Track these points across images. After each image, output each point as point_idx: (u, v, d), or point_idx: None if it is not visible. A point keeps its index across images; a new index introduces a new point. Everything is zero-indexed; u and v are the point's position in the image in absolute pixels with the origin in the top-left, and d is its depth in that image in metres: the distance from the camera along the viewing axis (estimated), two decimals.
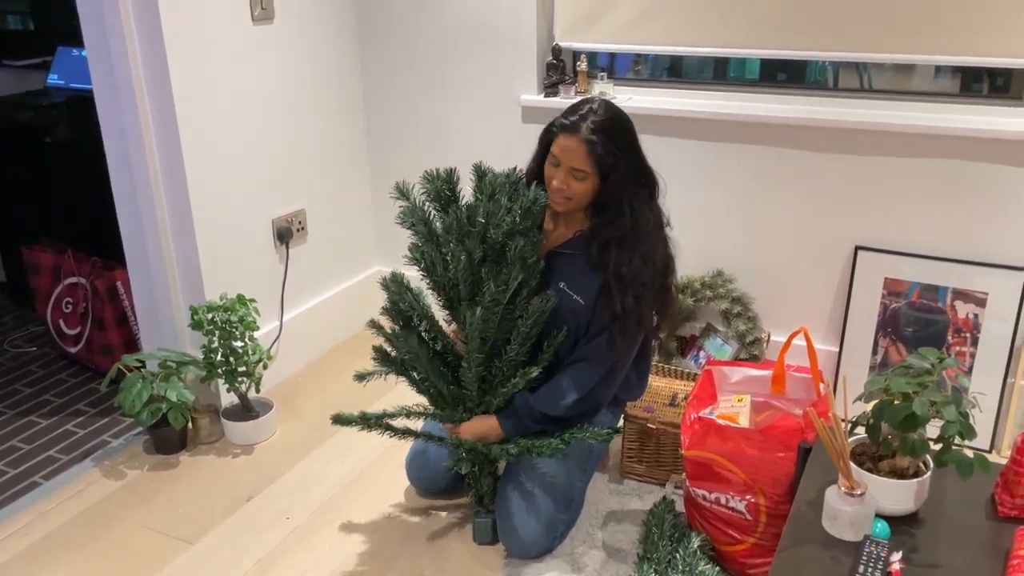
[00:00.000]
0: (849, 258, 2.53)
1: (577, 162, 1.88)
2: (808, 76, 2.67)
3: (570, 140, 1.88)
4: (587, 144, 1.87)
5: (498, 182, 1.94)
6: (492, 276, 1.87)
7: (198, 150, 2.48)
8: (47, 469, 2.48)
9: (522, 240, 1.87)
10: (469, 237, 1.89)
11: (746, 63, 2.76)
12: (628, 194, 1.92)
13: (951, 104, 2.40)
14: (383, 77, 3.07)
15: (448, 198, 1.98)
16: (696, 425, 1.86)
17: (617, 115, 1.92)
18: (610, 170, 1.89)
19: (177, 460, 2.50)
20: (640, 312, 1.91)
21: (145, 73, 2.38)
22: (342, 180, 3.11)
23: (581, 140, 1.87)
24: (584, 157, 1.87)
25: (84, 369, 3.04)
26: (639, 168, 1.96)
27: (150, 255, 2.58)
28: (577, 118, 1.89)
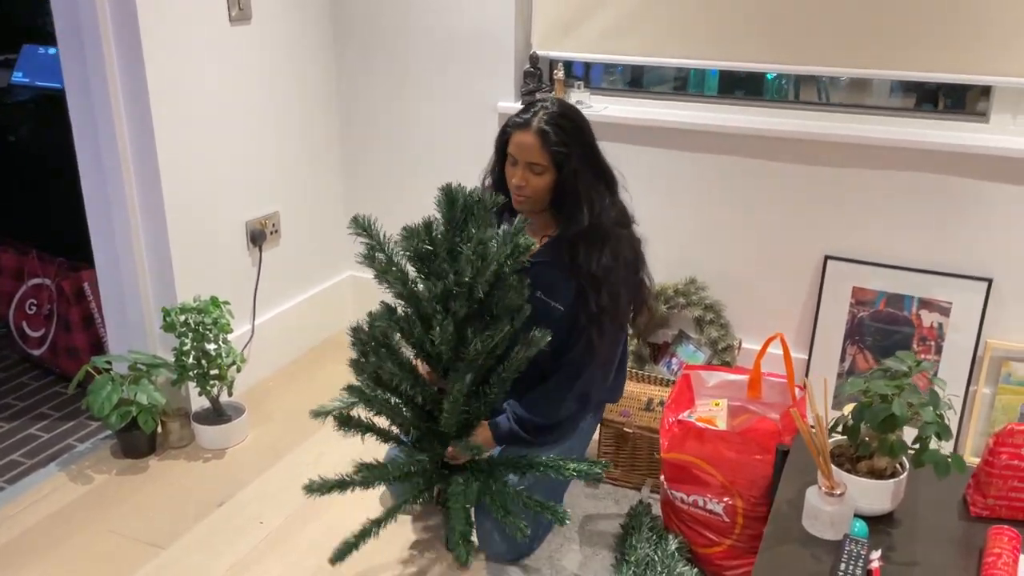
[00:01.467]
0: (818, 267, 2.59)
1: (532, 156, 1.92)
2: (776, 89, 2.73)
3: (524, 135, 1.92)
4: (539, 135, 1.91)
5: (478, 212, 1.83)
6: (478, 333, 1.80)
7: (173, 151, 2.45)
8: (10, 474, 2.41)
9: (510, 291, 1.81)
10: (456, 299, 1.80)
11: (718, 75, 2.82)
12: (585, 186, 1.94)
13: (913, 119, 2.48)
14: (357, 80, 3.07)
15: (428, 253, 1.85)
16: (675, 428, 1.88)
17: (569, 109, 1.97)
18: (564, 160, 1.91)
19: (146, 464, 2.45)
20: (618, 307, 1.94)
21: (120, 72, 2.34)
22: (315, 184, 3.09)
23: (533, 133, 1.91)
24: (539, 149, 1.91)
25: (47, 372, 2.97)
26: (594, 160, 1.99)
27: (120, 256, 2.53)
28: (529, 115, 1.94)
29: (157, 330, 2.59)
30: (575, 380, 1.97)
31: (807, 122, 2.53)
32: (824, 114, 2.56)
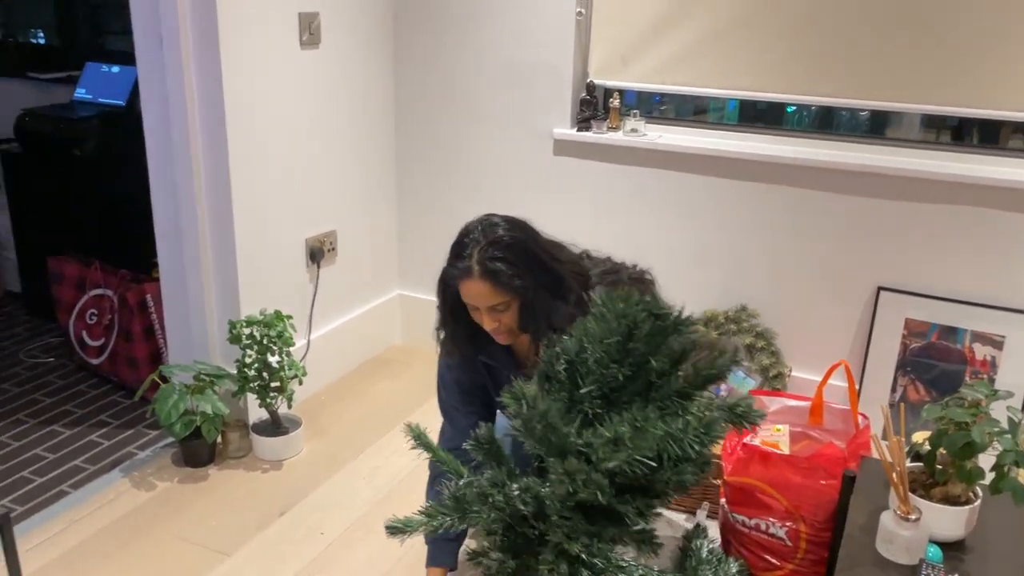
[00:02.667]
0: (871, 298, 2.62)
1: (490, 299, 1.73)
2: (798, 121, 2.77)
3: (470, 284, 1.73)
4: (488, 278, 1.71)
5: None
6: None
7: (244, 170, 2.52)
8: (74, 478, 2.47)
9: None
10: None
11: (772, 106, 2.87)
12: (544, 309, 1.75)
13: (965, 153, 2.52)
14: (415, 105, 3.15)
15: None
16: (740, 452, 1.91)
17: (504, 230, 1.74)
18: (520, 284, 1.72)
19: (206, 473, 2.50)
20: None
21: (199, 94, 2.43)
22: (370, 205, 3.16)
23: (479, 278, 1.71)
24: (493, 292, 1.72)
25: (104, 381, 3.04)
26: (547, 276, 1.77)
27: (187, 270, 2.60)
28: (465, 259, 1.73)
29: (218, 342, 2.65)
30: None
31: (861, 155, 2.58)
32: (883, 147, 2.60)
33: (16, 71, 3.98)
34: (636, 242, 2.89)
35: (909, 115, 2.65)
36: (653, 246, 2.88)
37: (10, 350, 3.29)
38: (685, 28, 2.71)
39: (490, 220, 1.77)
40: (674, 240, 2.86)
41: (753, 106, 2.87)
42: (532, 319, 1.77)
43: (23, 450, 2.61)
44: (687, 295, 2.88)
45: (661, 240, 2.87)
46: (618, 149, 2.86)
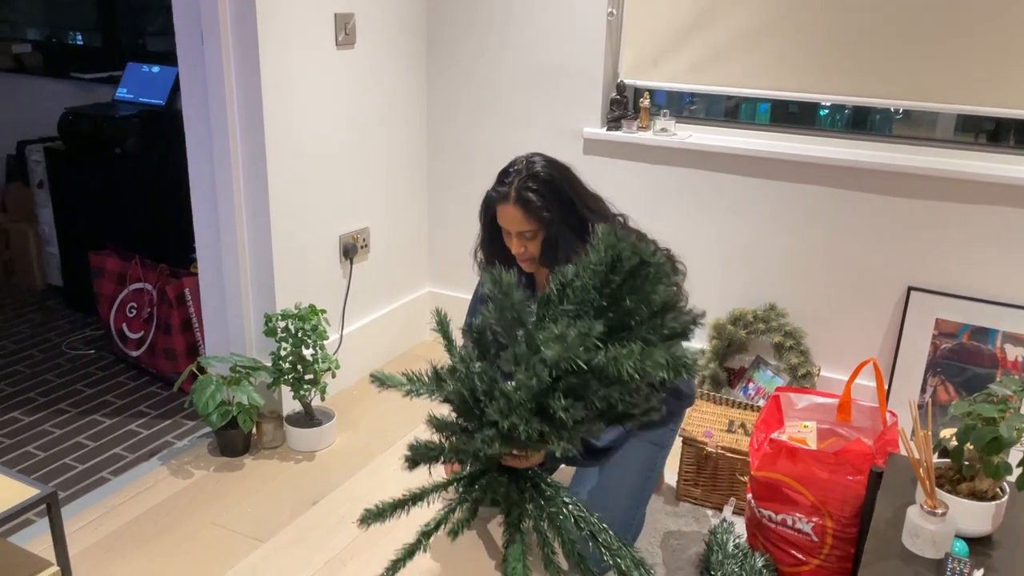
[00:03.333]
0: (901, 298, 2.62)
1: (520, 225, 1.93)
2: (868, 121, 2.77)
3: (506, 207, 1.94)
4: (521, 205, 1.91)
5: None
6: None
7: (281, 167, 2.58)
8: (114, 466, 2.54)
9: None
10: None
11: (804, 107, 2.87)
12: (565, 246, 1.91)
13: (998, 154, 2.51)
14: (447, 104, 3.19)
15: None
16: (767, 447, 1.93)
17: (543, 167, 1.94)
18: (548, 223, 1.92)
19: (241, 463, 2.56)
20: None
21: (238, 90, 2.49)
22: (402, 203, 3.21)
23: (513, 204, 1.92)
24: (523, 218, 1.92)
25: (143, 372, 3.12)
26: (574, 217, 1.93)
27: (224, 264, 2.67)
28: (506, 186, 1.94)
29: (254, 335, 2.71)
30: None
31: (893, 154, 2.58)
32: (915, 147, 2.60)
33: (60, 72, 4.09)
34: (667, 241, 2.90)
35: (943, 115, 2.64)
36: (682, 245, 2.89)
37: (53, 342, 3.38)
38: (716, 28, 2.73)
39: (535, 156, 1.97)
40: (703, 239, 2.88)
41: (785, 107, 2.88)
42: (552, 252, 1.93)
43: (66, 438, 2.68)
44: (716, 294, 2.90)
45: (690, 239, 2.89)
46: (648, 148, 2.89)
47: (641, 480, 2.15)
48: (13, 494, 1.46)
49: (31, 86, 4.16)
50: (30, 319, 3.60)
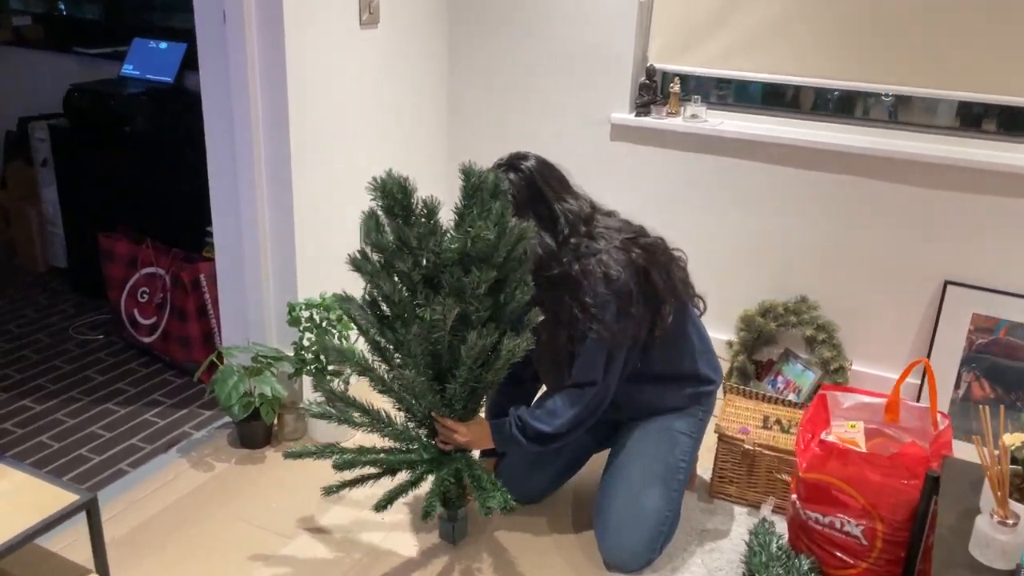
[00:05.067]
0: (937, 292, 2.57)
1: None
2: (908, 111, 2.71)
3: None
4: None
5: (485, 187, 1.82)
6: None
7: (304, 150, 2.50)
8: (131, 457, 2.47)
9: (467, 272, 1.78)
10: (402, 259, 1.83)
11: (842, 93, 2.81)
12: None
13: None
14: (469, 85, 3.11)
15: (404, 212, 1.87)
16: (817, 448, 1.88)
17: (527, 161, 1.97)
18: (516, 208, 1.91)
19: (263, 455, 2.50)
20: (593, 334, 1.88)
21: (261, 71, 2.40)
22: (422, 186, 3.11)
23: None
24: None
25: (155, 359, 3.04)
26: (543, 204, 1.94)
27: (245, 250, 2.59)
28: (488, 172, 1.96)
29: (274, 323, 2.64)
30: (574, 392, 1.96)
31: (932, 145, 2.52)
32: (953, 137, 2.54)
33: (62, 46, 3.96)
34: (694, 230, 2.85)
35: (983, 106, 2.58)
36: (712, 234, 2.84)
37: (59, 326, 3.29)
38: (749, 12, 2.66)
39: (525, 152, 2.01)
40: (733, 229, 2.82)
41: (821, 94, 2.81)
42: None
43: (79, 428, 2.61)
44: (745, 284, 2.84)
45: (720, 229, 2.83)
46: (677, 135, 2.82)
47: (673, 471, 2.10)
48: (51, 500, 1.39)
49: (32, 60, 4.03)
50: (34, 301, 3.51)
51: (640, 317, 1.91)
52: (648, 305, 1.93)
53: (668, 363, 2.05)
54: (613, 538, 2.03)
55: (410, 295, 1.85)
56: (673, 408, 2.11)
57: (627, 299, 1.89)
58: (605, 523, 2.04)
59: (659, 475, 2.06)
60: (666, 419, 2.11)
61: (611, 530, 2.03)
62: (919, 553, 1.81)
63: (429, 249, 1.81)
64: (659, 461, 2.07)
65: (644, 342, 1.97)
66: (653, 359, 2.02)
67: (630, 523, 2.01)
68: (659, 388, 2.08)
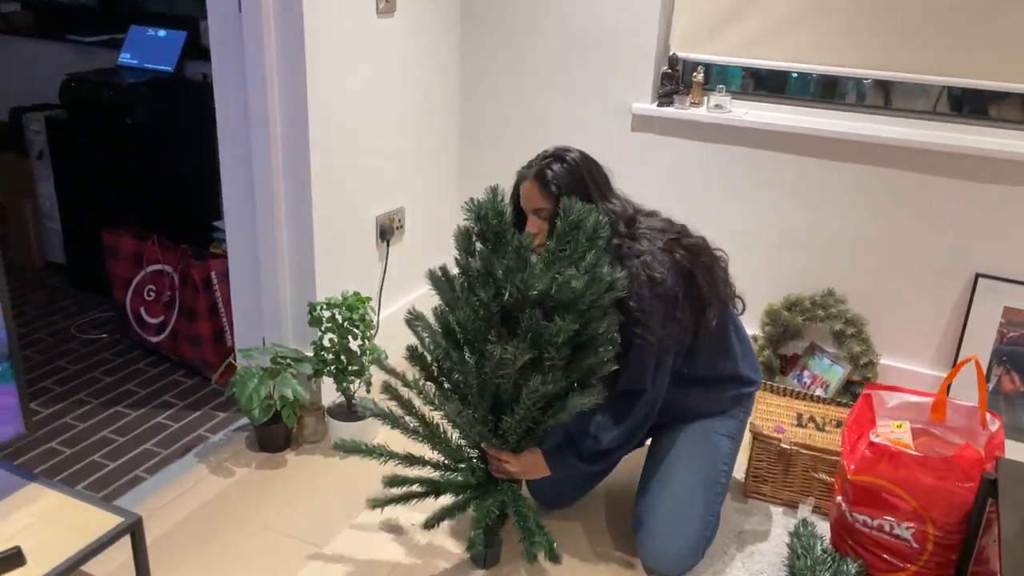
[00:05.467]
0: (968, 285, 2.54)
1: (535, 201, 1.92)
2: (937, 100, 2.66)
3: (525, 184, 1.95)
4: (537, 181, 1.91)
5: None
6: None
7: (323, 144, 2.41)
8: (148, 463, 2.39)
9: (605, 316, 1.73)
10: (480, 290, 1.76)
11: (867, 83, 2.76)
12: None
13: None
14: (483, 75, 3.03)
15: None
16: (867, 451, 1.84)
17: (570, 154, 1.93)
18: (558, 199, 1.85)
19: (284, 459, 2.43)
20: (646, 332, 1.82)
21: (279, 61, 2.31)
22: (435, 180, 3.05)
23: (532, 180, 1.92)
24: (538, 195, 1.91)
25: (163, 359, 2.95)
26: (587, 200, 1.86)
27: (260, 247, 2.50)
28: (532, 166, 1.96)
29: (290, 322, 2.56)
30: (620, 404, 1.91)
31: (962, 136, 2.48)
32: (983, 128, 2.50)
33: (54, 33, 3.83)
34: (718, 223, 2.79)
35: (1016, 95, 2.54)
36: (736, 227, 2.79)
37: (60, 325, 3.19)
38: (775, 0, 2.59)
39: (568, 146, 1.98)
40: (757, 221, 2.77)
41: (848, 84, 2.75)
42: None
43: (90, 432, 2.52)
44: (770, 278, 2.80)
45: (744, 221, 2.78)
46: (701, 126, 2.76)
47: (716, 476, 2.06)
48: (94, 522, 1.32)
49: (23, 48, 3.90)
50: (33, 299, 3.40)
51: (686, 321, 1.86)
52: (693, 308, 1.88)
53: (711, 366, 2.01)
54: (657, 544, 1.98)
55: (484, 325, 1.76)
56: (715, 411, 2.07)
57: (673, 302, 1.83)
58: (648, 529, 1.99)
59: (703, 480, 2.01)
60: (708, 422, 2.06)
61: (654, 536, 1.98)
62: (972, 556, 1.78)
63: (514, 284, 1.71)
64: (702, 466, 2.03)
65: (688, 346, 1.92)
66: (696, 363, 1.97)
67: (674, 530, 1.96)
68: (702, 391, 2.03)
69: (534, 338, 1.71)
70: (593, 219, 1.74)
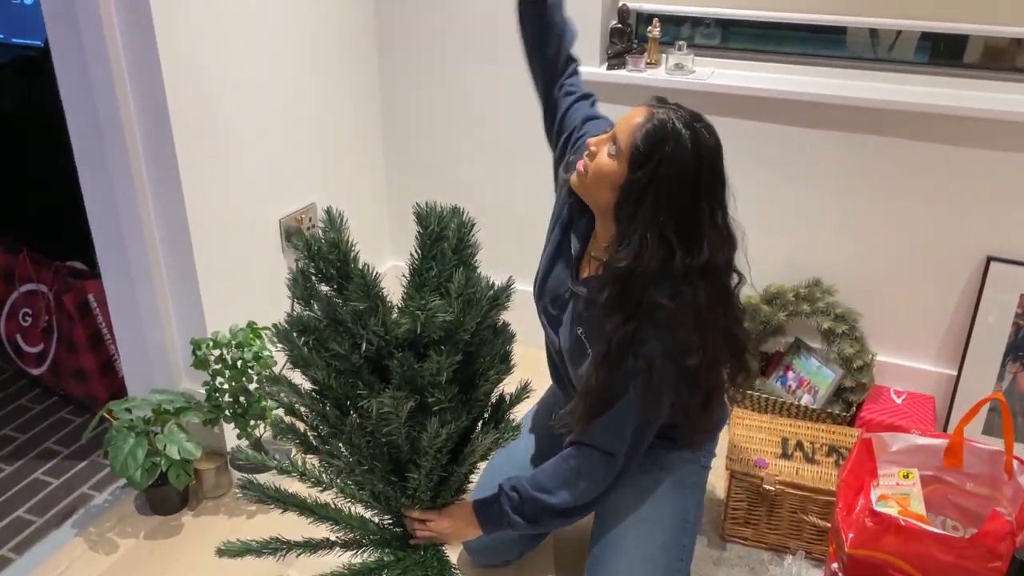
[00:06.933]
0: (978, 270, 2.16)
1: (623, 129, 1.44)
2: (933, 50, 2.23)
3: (641, 110, 1.45)
4: (649, 120, 1.42)
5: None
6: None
7: (191, 139, 1.96)
8: (17, 538, 2.01)
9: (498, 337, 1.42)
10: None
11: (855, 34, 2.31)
12: (647, 214, 1.42)
13: None
14: (402, 39, 2.56)
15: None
16: (869, 520, 1.48)
17: (696, 128, 1.43)
18: (640, 173, 1.41)
19: (179, 522, 2.05)
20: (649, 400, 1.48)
21: (123, 34, 1.84)
22: (353, 168, 2.61)
23: (646, 115, 1.43)
24: (631, 129, 1.42)
25: (48, 391, 2.54)
26: (681, 197, 1.42)
27: (133, 268, 2.08)
28: (663, 104, 1.48)
29: (181, 354, 2.16)
30: (587, 464, 1.54)
31: (973, 93, 2.07)
32: (1001, 84, 2.08)
33: None
34: None
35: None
36: None
37: None
38: None
39: (700, 118, 1.46)
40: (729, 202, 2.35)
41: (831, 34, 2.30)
42: (626, 219, 1.43)
43: None
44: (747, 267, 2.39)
45: None
46: (659, 91, 2.29)
47: (678, 536, 1.69)
48: None
49: None
50: None
51: (688, 403, 1.52)
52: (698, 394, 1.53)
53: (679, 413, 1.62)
54: None
55: (351, 380, 1.38)
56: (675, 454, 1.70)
57: (688, 389, 1.49)
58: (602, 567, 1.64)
59: (662, 546, 1.64)
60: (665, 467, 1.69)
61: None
62: None
63: (371, 330, 1.34)
64: (662, 528, 1.66)
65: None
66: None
67: None
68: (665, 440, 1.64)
69: (412, 383, 1.35)
70: (457, 223, 1.38)
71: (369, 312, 1.35)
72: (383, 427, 1.38)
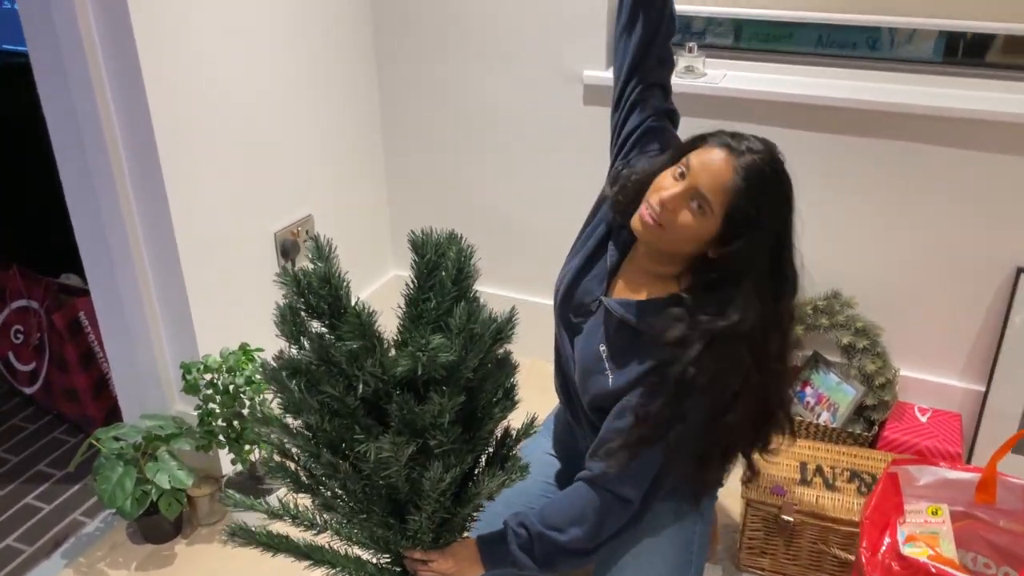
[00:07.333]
0: (1008, 280, 2.05)
1: (710, 184, 1.33)
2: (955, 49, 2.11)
3: (724, 156, 1.33)
4: (737, 173, 1.32)
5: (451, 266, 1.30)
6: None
7: (178, 152, 1.88)
8: (5, 569, 1.95)
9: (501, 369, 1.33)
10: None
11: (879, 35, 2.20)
12: (752, 279, 1.36)
13: None
14: (402, 44, 2.46)
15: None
16: (896, 564, 1.38)
17: (782, 168, 1.38)
18: (743, 227, 1.33)
19: (172, 552, 1.98)
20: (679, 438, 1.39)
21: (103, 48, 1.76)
22: (352, 176, 2.52)
23: (733, 165, 1.32)
24: (722, 186, 1.32)
25: (43, 411, 2.48)
26: (780, 251, 1.39)
27: (121, 288, 2.00)
28: (740, 143, 1.35)
29: (173, 374, 2.08)
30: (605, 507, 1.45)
31: (1003, 96, 1.95)
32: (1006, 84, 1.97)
33: None
34: None
35: None
36: None
37: None
38: None
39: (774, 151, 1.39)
40: None
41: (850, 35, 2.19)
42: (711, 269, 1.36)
43: None
44: None
45: None
46: None
47: (682, 567, 1.59)
48: None
49: None
50: None
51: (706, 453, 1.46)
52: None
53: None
54: None
55: (346, 422, 1.29)
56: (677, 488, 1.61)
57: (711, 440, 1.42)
58: None
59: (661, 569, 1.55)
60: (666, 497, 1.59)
61: None
62: None
63: (367, 371, 1.25)
64: (663, 563, 1.56)
65: None
66: None
67: None
68: None
69: (412, 425, 1.26)
70: (456, 250, 1.27)
71: (365, 352, 1.25)
72: (382, 471, 1.29)
